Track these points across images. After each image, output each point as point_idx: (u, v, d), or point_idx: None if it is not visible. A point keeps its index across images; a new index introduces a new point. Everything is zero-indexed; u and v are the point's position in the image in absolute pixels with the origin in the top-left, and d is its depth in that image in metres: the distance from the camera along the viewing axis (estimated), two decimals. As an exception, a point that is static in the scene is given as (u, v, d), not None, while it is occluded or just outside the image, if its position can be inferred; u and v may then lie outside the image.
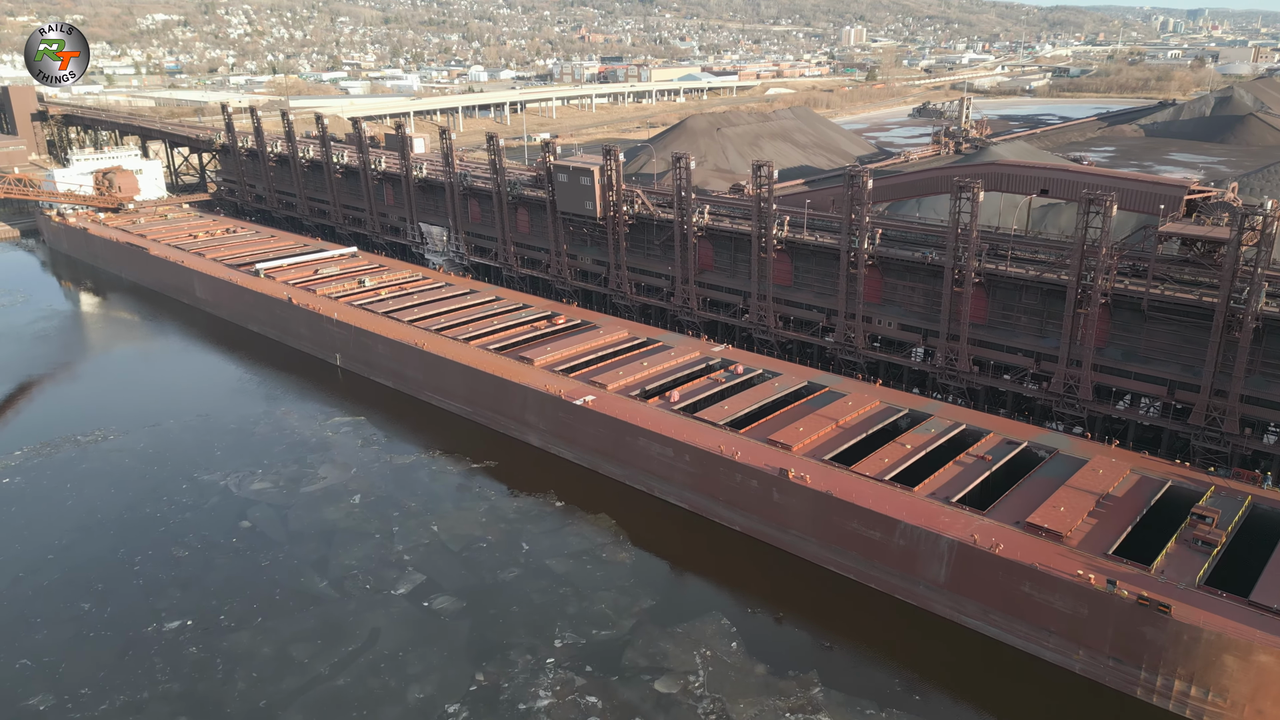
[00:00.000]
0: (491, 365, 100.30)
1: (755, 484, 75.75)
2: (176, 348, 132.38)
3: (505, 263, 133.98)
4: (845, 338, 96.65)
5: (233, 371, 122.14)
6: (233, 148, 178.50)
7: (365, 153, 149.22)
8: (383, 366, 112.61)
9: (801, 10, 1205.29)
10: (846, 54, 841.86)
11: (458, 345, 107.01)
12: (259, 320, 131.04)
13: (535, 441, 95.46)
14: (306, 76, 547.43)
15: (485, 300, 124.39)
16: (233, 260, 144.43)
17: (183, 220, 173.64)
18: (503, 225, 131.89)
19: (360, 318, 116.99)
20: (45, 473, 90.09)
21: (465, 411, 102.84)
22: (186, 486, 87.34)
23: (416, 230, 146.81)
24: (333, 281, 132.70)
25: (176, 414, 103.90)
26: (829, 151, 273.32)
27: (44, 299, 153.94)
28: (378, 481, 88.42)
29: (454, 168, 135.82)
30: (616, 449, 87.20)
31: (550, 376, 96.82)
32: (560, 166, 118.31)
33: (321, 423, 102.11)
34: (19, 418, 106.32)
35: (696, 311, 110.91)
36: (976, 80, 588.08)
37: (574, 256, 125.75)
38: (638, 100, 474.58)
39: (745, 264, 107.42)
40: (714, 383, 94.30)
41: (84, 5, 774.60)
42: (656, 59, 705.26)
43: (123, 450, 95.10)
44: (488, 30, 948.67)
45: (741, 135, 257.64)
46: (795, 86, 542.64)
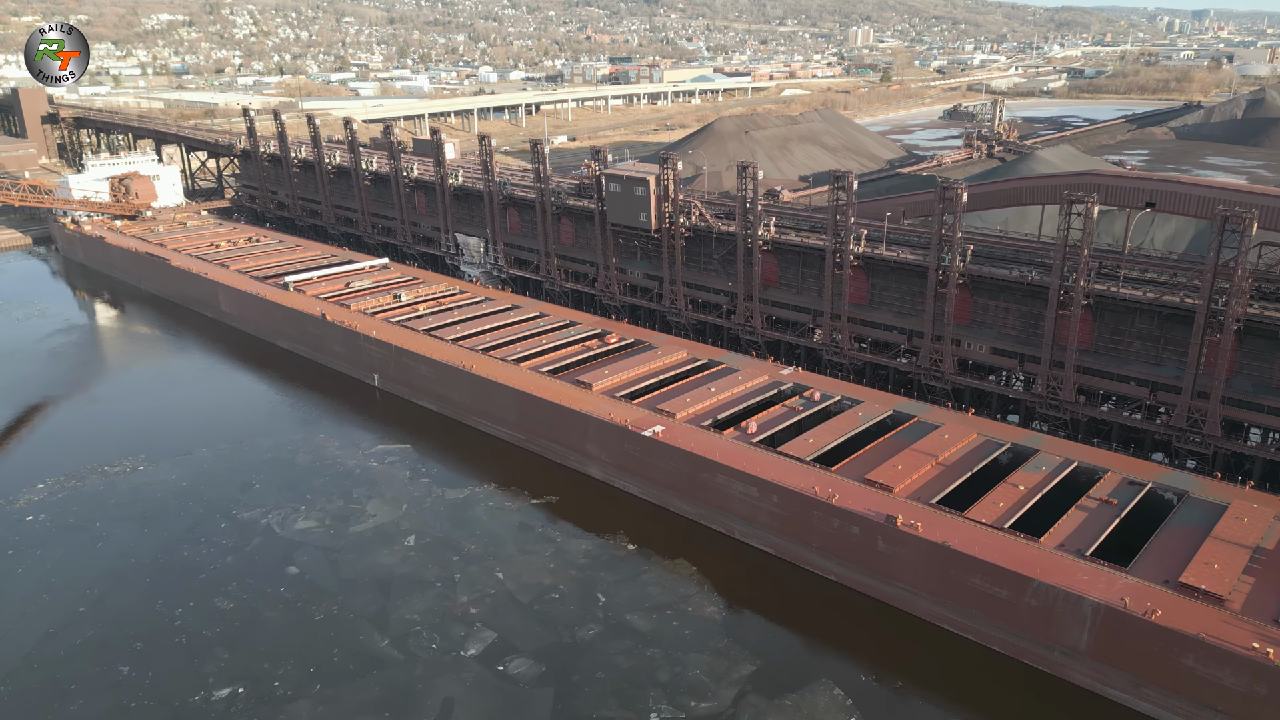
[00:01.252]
0: (546, 390, 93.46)
1: (856, 531, 68.85)
2: (201, 366, 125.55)
3: (548, 276, 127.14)
4: (931, 362, 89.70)
5: (264, 392, 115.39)
6: (254, 152, 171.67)
7: (396, 159, 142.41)
8: (425, 389, 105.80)
9: (807, 11, 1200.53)
10: (856, 55, 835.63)
11: (507, 367, 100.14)
12: (289, 336, 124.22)
13: (597, 474, 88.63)
14: (314, 77, 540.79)
15: (530, 317, 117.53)
16: (259, 272, 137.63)
17: (202, 228, 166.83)
18: (545, 236, 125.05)
19: (400, 336, 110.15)
20: (72, 509, 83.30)
21: (517, 439, 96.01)
22: (225, 525, 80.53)
23: (451, 241, 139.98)
24: (366, 295, 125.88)
25: (208, 440, 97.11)
26: (858, 155, 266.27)
27: (60, 312, 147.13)
28: (432, 520, 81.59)
29: (493, 175, 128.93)
30: (690, 486, 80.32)
31: (612, 403, 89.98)
32: (612, 175, 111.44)
33: (365, 451, 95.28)
34: (40, 444, 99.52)
35: (760, 330, 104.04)
36: (993, 81, 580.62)
37: (623, 270, 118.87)
38: (653, 102, 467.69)
39: (814, 280, 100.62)
40: (790, 411, 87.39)
41: (88, 5, 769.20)
42: (665, 60, 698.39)
43: (154, 483, 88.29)
44: (493, 31, 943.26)
45: (770, 138, 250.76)
46: (810, 88, 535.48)
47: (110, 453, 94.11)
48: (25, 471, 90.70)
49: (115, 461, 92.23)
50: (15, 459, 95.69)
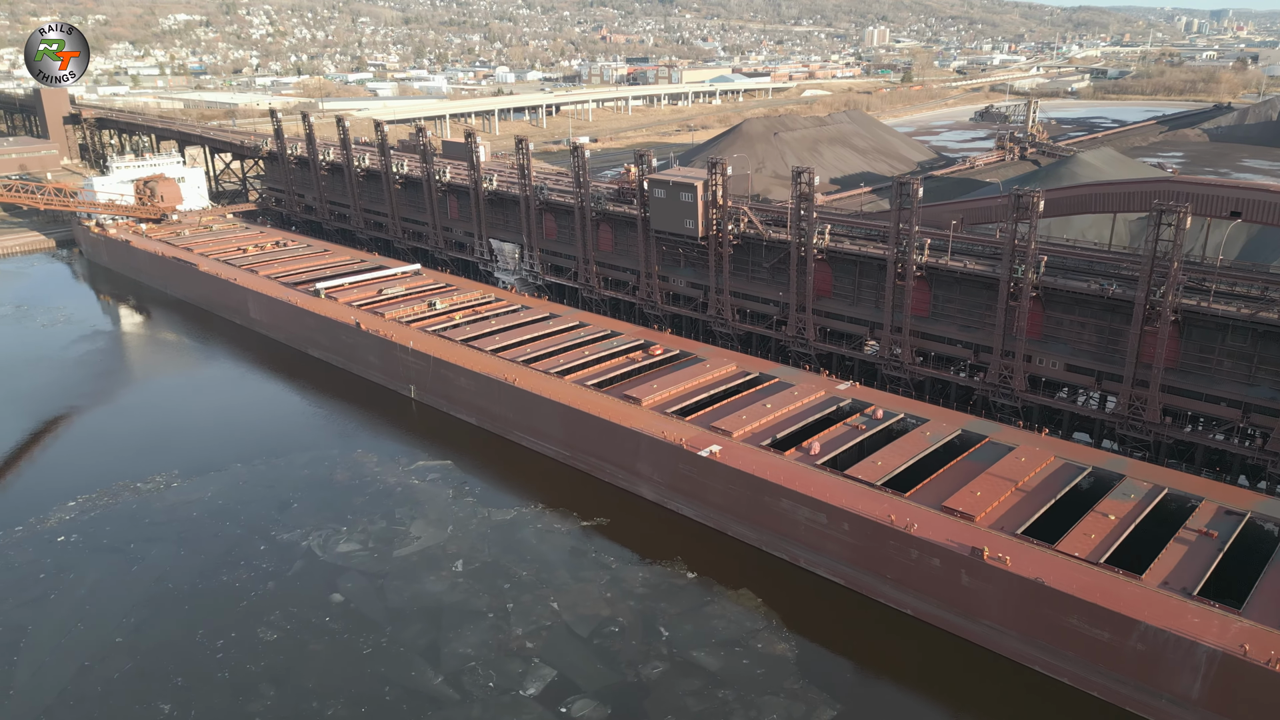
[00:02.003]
0: (594, 405, 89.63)
1: (937, 563, 64.66)
2: (231, 375, 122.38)
3: (586, 284, 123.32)
4: (1000, 378, 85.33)
5: (296, 404, 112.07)
6: (281, 155, 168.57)
7: (430, 162, 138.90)
8: (464, 401, 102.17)
9: (823, 10, 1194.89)
10: (873, 55, 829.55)
11: (551, 381, 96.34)
12: (321, 345, 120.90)
13: (648, 495, 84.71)
14: (332, 77, 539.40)
15: (569, 326, 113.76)
16: (288, 278, 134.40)
17: (228, 232, 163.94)
18: (584, 243, 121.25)
19: (437, 346, 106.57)
20: (105, 529, 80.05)
21: (563, 456, 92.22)
22: (265, 548, 77.05)
23: (485, 247, 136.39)
24: (400, 303, 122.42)
25: (242, 455, 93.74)
26: (888, 157, 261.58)
27: (85, 317, 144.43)
28: (479, 543, 77.86)
29: (530, 179, 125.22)
30: (751, 509, 76.29)
31: (664, 420, 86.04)
32: (658, 181, 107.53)
33: (404, 467, 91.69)
34: (70, 457, 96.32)
35: (813, 343, 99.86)
36: (1016, 82, 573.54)
37: (665, 278, 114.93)
38: (673, 102, 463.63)
39: (871, 290, 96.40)
40: (853, 430, 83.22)
41: (105, 5, 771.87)
42: (682, 60, 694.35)
43: (189, 500, 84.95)
44: (509, 31, 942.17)
45: (799, 140, 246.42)
46: (830, 88, 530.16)
47: (142, 467, 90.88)
48: (56, 487, 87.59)
49: (148, 477, 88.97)
50: (45, 472, 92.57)
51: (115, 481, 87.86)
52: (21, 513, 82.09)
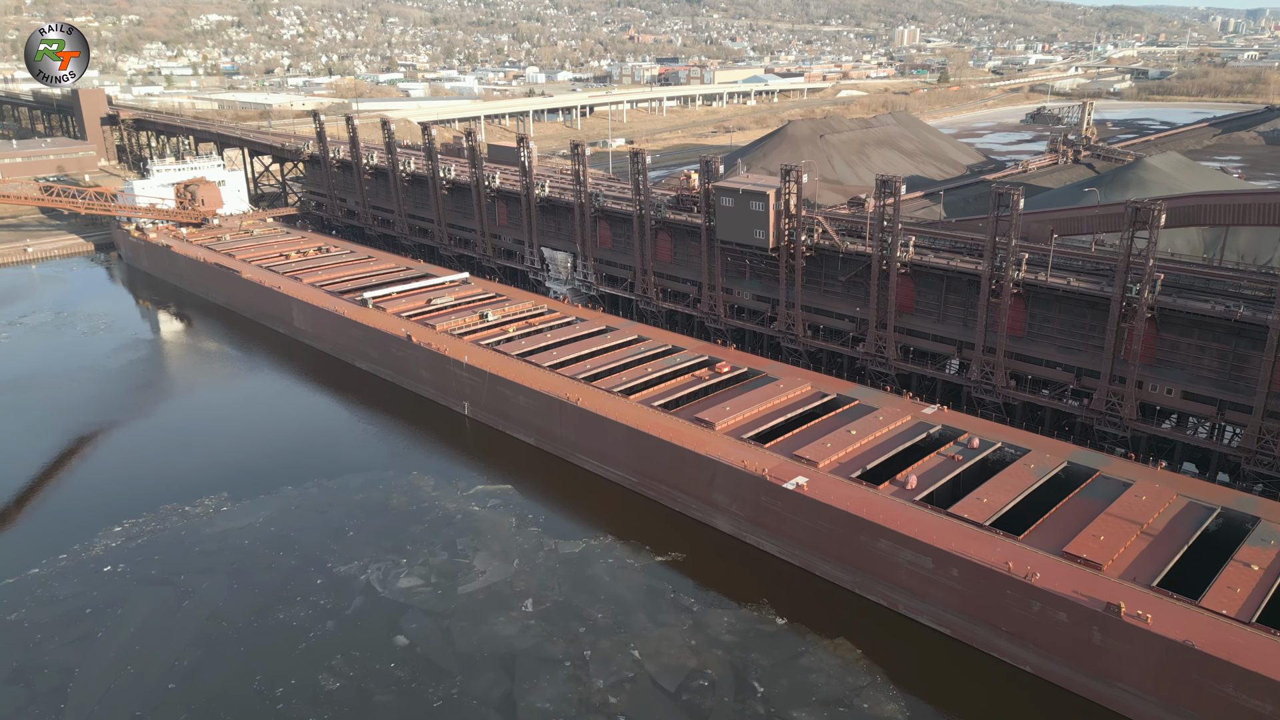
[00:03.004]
0: (663, 429, 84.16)
1: (1064, 618, 58.52)
2: (276, 387, 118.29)
3: (643, 295, 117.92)
4: (1108, 405, 78.82)
5: (346, 420, 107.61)
6: (323, 158, 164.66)
7: (479, 168, 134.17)
8: (522, 420, 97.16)
9: (852, 10, 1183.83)
10: (905, 55, 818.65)
11: (616, 401, 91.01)
12: (369, 358, 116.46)
13: (725, 527, 79.12)
14: (363, 78, 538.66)
15: (628, 340, 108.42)
16: (333, 286, 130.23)
17: (269, 237, 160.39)
18: (642, 252, 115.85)
19: (492, 361, 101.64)
20: (153, 558, 75.75)
21: (630, 482, 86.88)
22: (322, 582, 72.34)
23: (536, 255, 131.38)
24: (450, 314, 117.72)
25: (293, 476, 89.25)
26: (937, 160, 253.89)
27: (126, 325, 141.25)
28: (548, 579, 72.67)
29: (586, 185, 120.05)
30: (843, 549, 70.47)
31: (740, 447, 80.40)
32: (725, 189, 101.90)
33: (463, 492, 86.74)
34: (113, 477, 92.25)
35: (893, 362, 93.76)
36: (1056, 82, 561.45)
37: (729, 291, 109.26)
38: (708, 103, 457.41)
39: (959, 307, 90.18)
40: (949, 461, 77.09)
41: (139, 6, 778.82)
42: (712, 60, 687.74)
43: (239, 527, 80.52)
44: (536, 31, 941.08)
45: (845, 143, 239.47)
46: (866, 89, 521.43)
47: (189, 489, 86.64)
48: (101, 509, 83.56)
49: (195, 500, 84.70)
50: (89, 492, 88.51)
51: (162, 505, 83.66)
52: (66, 538, 78.06)
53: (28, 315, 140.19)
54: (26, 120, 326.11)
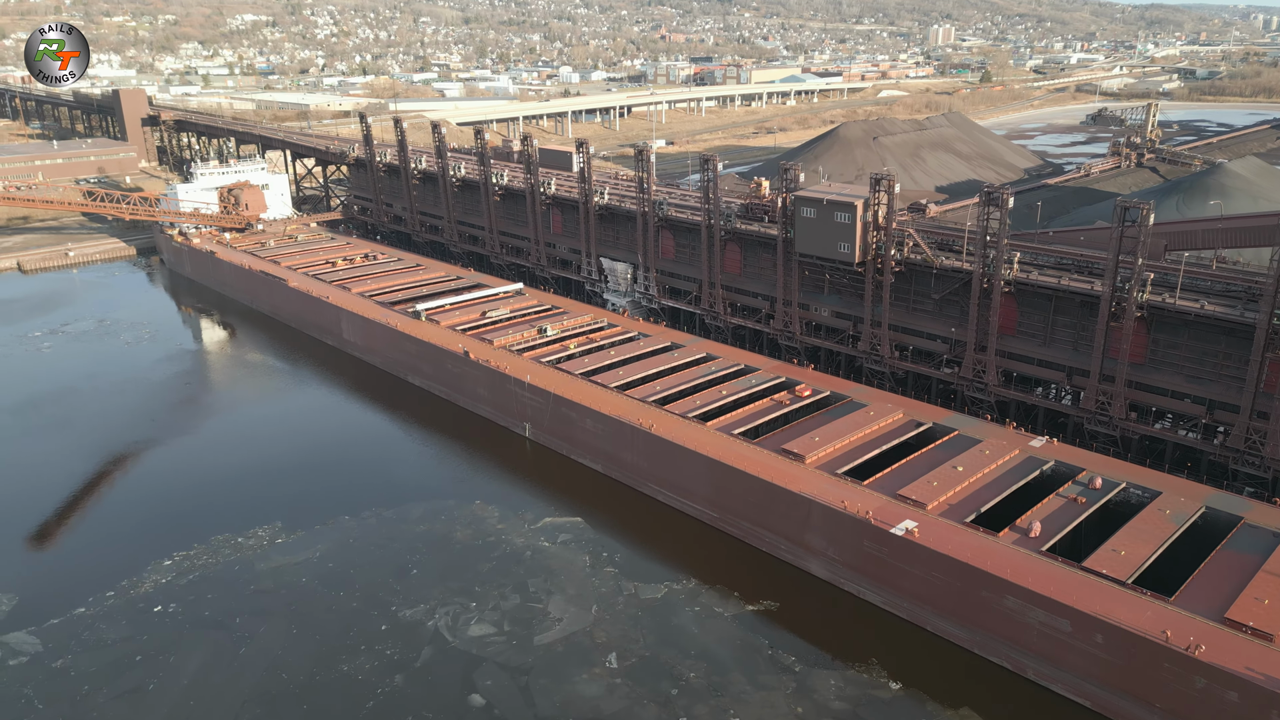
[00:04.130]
0: (748, 461, 77.63)
1: (1235, 698, 51.33)
2: (326, 403, 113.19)
3: (709, 310, 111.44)
4: (1248, 443, 71.15)
5: (401, 441, 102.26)
6: (370, 162, 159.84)
7: (534, 174, 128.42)
8: (589, 445, 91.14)
9: (885, 9, 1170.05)
10: (942, 54, 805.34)
11: (692, 427, 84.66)
12: (423, 374, 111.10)
13: (820, 572, 72.48)
14: (397, 77, 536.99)
15: (697, 359, 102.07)
16: (383, 296, 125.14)
17: (315, 243, 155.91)
18: (710, 264, 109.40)
19: (555, 381, 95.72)
20: (206, 596, 70.57)
21: (709, 517, 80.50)
22: (386, 628, 66.72)
23: (594, 265, 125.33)
24: (507, 328, 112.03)
25: (349, 504, 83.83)
26: (994, 163, 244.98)
27: (169, 334, 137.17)
28: (631, 630, 66.53)
29: (650, 193, 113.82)
30: (962, 604, 63.57)
31: (837, 484, 73.68)
32: (808, 199, 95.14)
33: (530, 524, 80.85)
34: (161, 503, 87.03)
35: (992, 387, 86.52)
36: (1103, 82, 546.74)
37: (806, 306, 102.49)
38: (746, 103, 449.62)
39: (1069, 329, 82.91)
40: (1071, 504, 69.74)
41: (175, 5, 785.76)
42: (746, 59, 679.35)
43: (296, 562, 75.20)
44: (568, 30, 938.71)
45: (900, 145, 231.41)
46: (907, 88, 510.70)
47: (241, 517, 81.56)
48: (149, 540, 78.72)
49: (248, 530, 79.55)
50: (136, 520, 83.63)
51: (213, 535, 78.61)
52: (113, 572, 73.21)
53: (70, 323, 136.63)
54: (66, 120, 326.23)
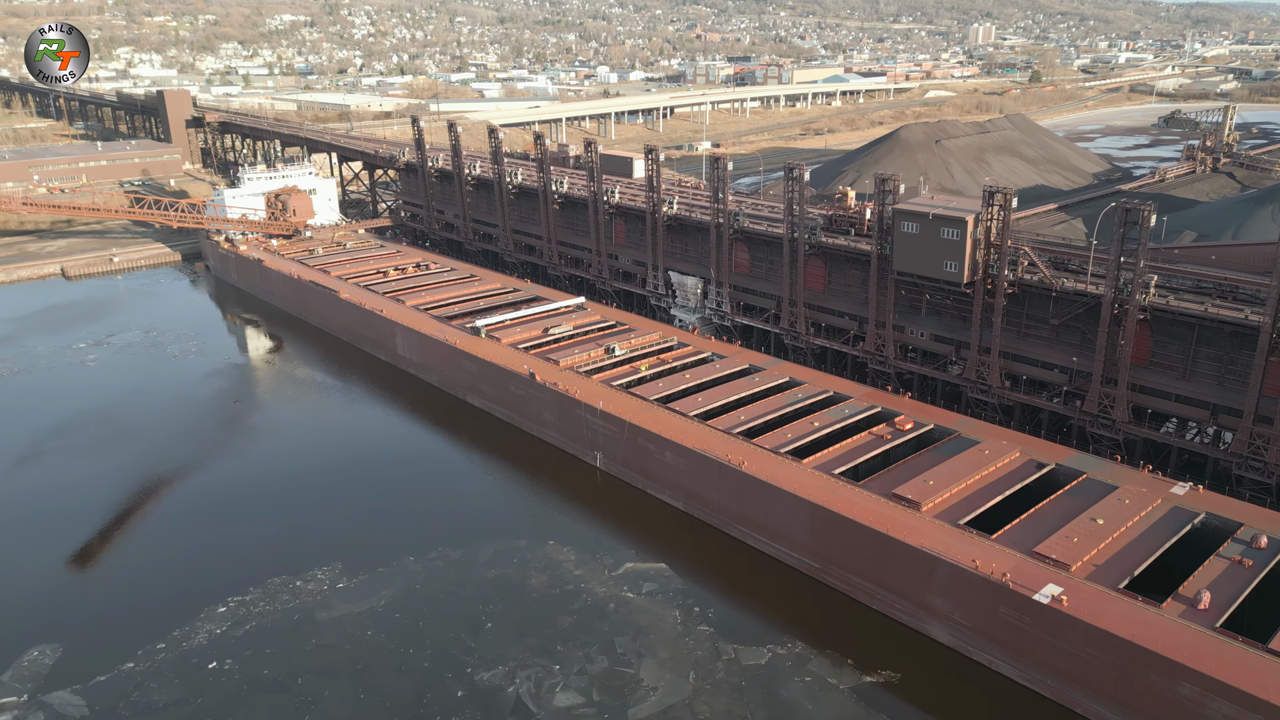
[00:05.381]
0: (854, 507, 69.85)
1: None
2: (381, 426, 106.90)
3: (790, 329, 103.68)
4: None
5: (463, 468, 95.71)
6: (421, 167, 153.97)
7: (598, 182, 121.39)
8: (667, 480, 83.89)
9: (923, 7, 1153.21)
10: (985, 53, 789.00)
11: (787, 465, 77.03)
12: (484, 394, 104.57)
13: (943, 638, 64.49)
14: (435, 77, 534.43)
15: (779, 384, 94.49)
16: (439, 310, 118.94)
17: (364, 250, 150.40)
18: (792, 280, 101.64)
19: (629, 408, 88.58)
20: (264, 651, 64.30)
21: (808, 566, 72.85)
22: (463, 694, 59.97)
23: (661, 279, 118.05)
24: (572, 347, 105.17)
25: (413, 544, 77.32)
26: (1060, 167, 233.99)
27: (217, 347, 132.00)
28: (735, 704, 59.14)
29: (725, 203, 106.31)
30: (1122, 687, 55.31)
31: (961, 537, 65.65)
32: (910, 212, 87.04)
33: (610, 571, 73.76)
34: (212, 538, 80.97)
35: (1122, 424, 77.86)
36: (1159, 82, 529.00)
37: (900, 329, 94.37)
38: (791, 103, 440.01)
39: (1213, 362, 74.08)
40: (1237, 568, 60.96)
41: (215, 6, 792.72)
42: (784, 59, 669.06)
43: (360, 612, 68.75)
44: (603, 30, 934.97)
45: (963, 149, 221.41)
46: (954, 88, 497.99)
47: (298, 556, 75.41)
48: (202, 579, 72.90)
49: (306, 572, 73.30)
50: (187, 557, 77.63)
51: (269, 577, 72.44)
52: (164, 620, 67.30)
53: (115, 334, 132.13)
54: (110, 121, 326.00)
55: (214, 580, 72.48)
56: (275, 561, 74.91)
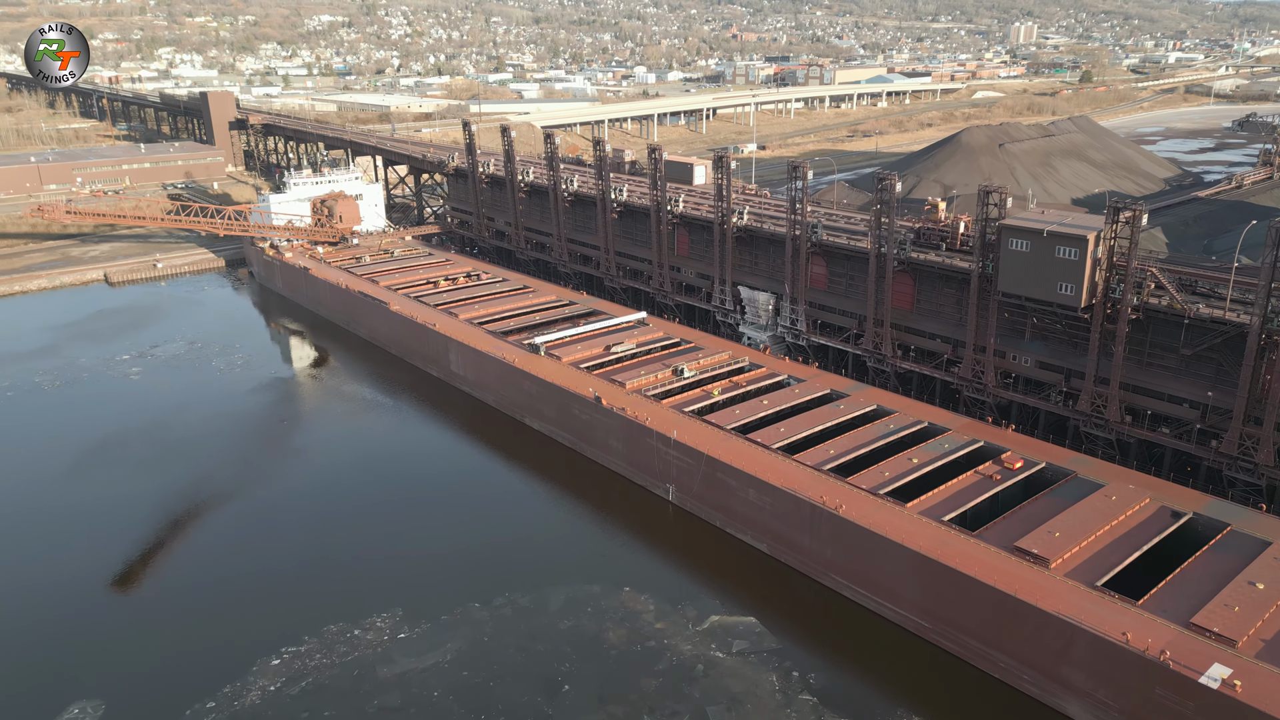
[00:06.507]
0: (974, 562, 62.34)
1: None
2: (436, 449, 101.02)
3: (873, 351, 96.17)
4: None
5: (525, 500, 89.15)
6: (472, 173, 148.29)
7: (662, 190, 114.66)
8: (751, 520, 76.92)
9: (962, 6, 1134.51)
10: (1029, 53, 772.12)
11: (890, 510, 69.66)
12: (544, 417, 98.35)
13: (1081, 718, 56.85)
14: (472, 77, 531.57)
15: (866, 412, 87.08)
16: (494, 324, 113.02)
17: (412, 259, 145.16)
18: (876, 299, 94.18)
19: (706, 438, 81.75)
20: (322, 713, 58.36)
21: (918, 626, 65.48)
22: (544, 774, 53.60)
23: (729, 294, 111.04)
24: (637, 367, 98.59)
25: (478, 588, 71.05)
26: (1131, 173, 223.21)
27: (262, 360, 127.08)
28: (854, 792, 52.09)
29: (804, 214, 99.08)
30: (1312, 789, 47.48)
31: (1102, 603, 57.88)
32: (1020, 229, 79.27)
33: (694, 624, 66.97)
34: (260, 571, 75.54)
35: (1268, 469, 69.49)
36: (1216, 83, 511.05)
37: (1002, 354, 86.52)
38: (835, 104, 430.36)
39: (1378, 406, 65.52)
40: None
41: (255, 6, 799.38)
42: (822, 58, 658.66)
43: (424, 668, 62.62)
44: (638, 29, 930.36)
45: (1028, 153, 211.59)
46: (1002, 89, 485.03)
47: (354, 600, 69.60)
48: (253, 624, 67.46)
49: (364, 619, 67.41)
50: (236, 594, 72.07)
51: (325, 625, 66.64)
52: (214, 672, 61.78)
53: (159, 345, 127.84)
54: (152, 122, 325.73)
55: (266, 625, 67.01)
56: (330, 604, 69.20)
